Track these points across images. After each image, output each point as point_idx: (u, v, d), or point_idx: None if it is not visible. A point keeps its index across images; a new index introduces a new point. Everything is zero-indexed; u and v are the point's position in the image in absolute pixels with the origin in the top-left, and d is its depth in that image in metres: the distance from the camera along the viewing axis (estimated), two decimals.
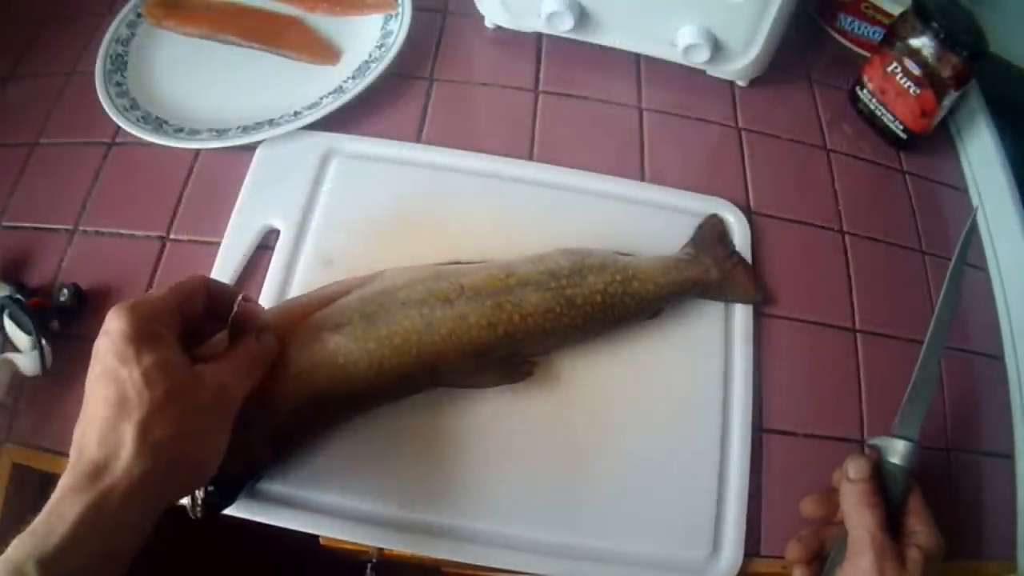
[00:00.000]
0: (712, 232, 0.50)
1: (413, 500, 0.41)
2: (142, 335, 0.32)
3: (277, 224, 0.49)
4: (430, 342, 0.40)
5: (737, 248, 0.51)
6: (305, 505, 0.40)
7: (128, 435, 0.30)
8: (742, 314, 0.49)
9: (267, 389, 0.37)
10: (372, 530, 0.40)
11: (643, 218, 0.51)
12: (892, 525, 0.36)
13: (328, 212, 0.49)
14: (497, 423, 0.43)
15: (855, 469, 0.37)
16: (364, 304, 0.41)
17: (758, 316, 0.49)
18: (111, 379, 0.31)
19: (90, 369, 0.32)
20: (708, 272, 0.48)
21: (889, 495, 0.37)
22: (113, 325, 0.32)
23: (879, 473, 0.37)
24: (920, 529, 0.36)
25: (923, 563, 0.35)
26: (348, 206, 0.50)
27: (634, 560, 0.41)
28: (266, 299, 0.46)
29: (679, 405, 0.45)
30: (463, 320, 0.40)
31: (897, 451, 0.38)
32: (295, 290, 0.46)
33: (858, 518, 0.36)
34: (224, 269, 0.47)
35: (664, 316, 0.47)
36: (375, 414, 0.42)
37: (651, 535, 0.42)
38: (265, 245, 0.49)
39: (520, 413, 0.44)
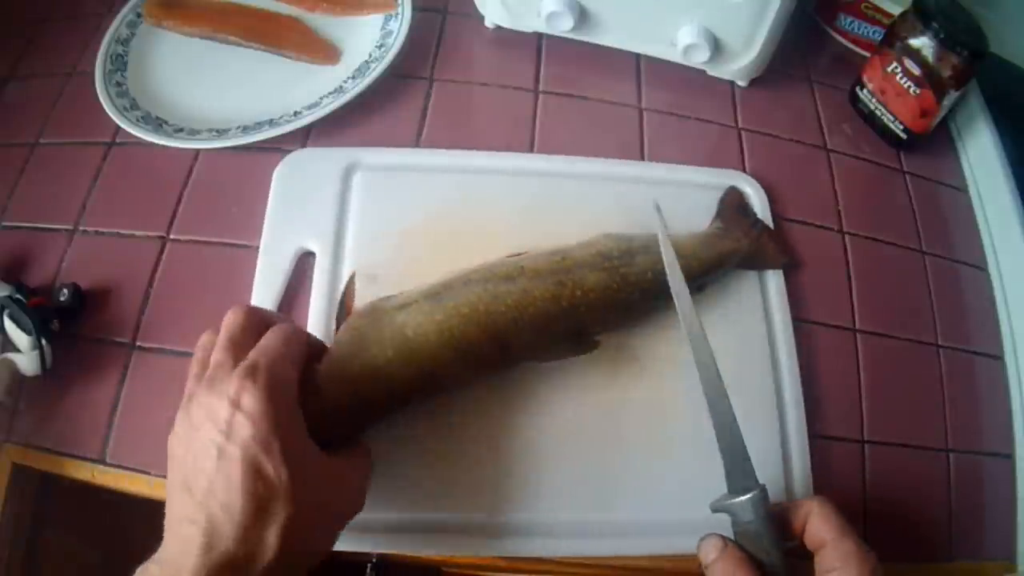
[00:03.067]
0: (734, 204, 0.52)
1: (502, 505, 0.41)
2: (286, 423, 0.30)
3: (311, 246, 0.47)
4: (498, 312, 0.40)
5: (759, 216, 0.52)
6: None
7: (273, 541, 0.29)
8: (775, 280, 0.50)
9: (333, 372, 0.37)
10: (463, 540, 0.40)
11: (667, 199, 0.51)
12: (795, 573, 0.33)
13: (362, 227, 0.48)
14: (562, 406, 0.44)
15: (704, 552, 0.34)
16: (426, 289, 0.41)
17: None
18: (256, 472, 0.29)
19: (213, 429, 0.30)
20: (740, 243, 0.49)
21: (765, 551, 0.33)
22: (251, 402, 0.30)
23: (739, 540, 0.34)
24: (836, 566, 0.32)
25: None
26: (381, 219, 0.49)
27: (711, 525, 0.40)
28: (314, 325, 0.44)
29: (732, 373, 0.44)
30: (527, 294, 0.40)
31: (744, 509, 0.34)
32: None
33: None
34: (264, 299, 0.45)
35: (706, 290, 0.48)
36: (428, 415, 0.42)
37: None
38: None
39: (585, 394, 0.44)
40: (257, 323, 0.35)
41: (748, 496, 0.34)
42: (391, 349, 0.38)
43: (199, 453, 0.29)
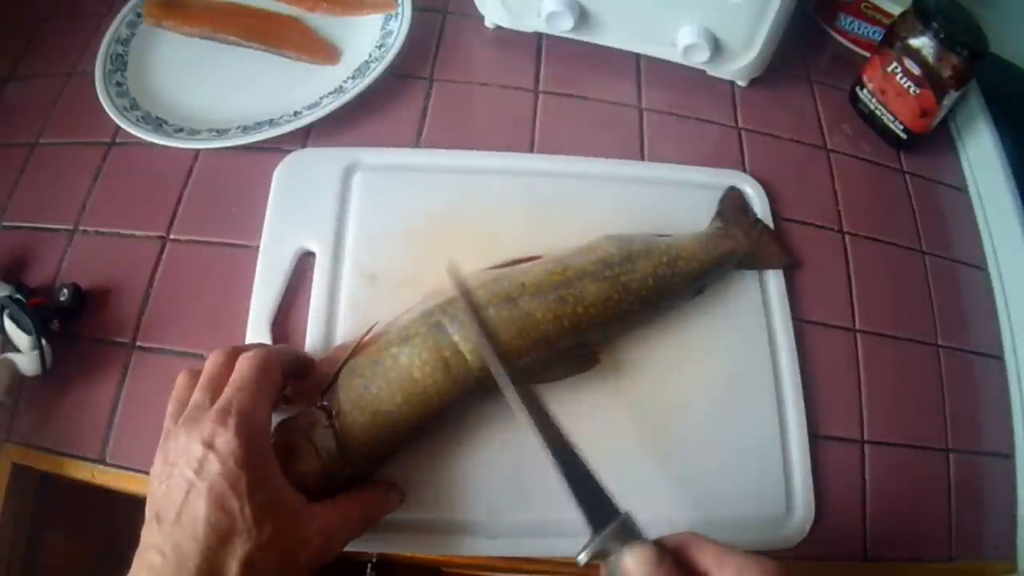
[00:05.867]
0: (734, 204, 0.52)
1: (501, 504, 0.41)
2: (255, 462, 0.31)
3: (311, 246, 0.47)
4: (502, 343, 0.39)
5: (759, 216, 0.52)
6: (397, 526, 0.40)
7: (233, 571, 0.30)
8: (775, 280, 0.50)
9: (341, 425, 0.37)
10: (463, 540, 0.41)
11: (667, 199, 0.52)
12: None
13: (362, 227, 0.48)
14: (565, 418, 0.43)
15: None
16: (427, 316, 0.40)
17: None
18: (220, 507, 0.30)
19: (186, 466, 0.31)
20: (740, 243, 0.49)
21: None
22: (223, 443, 0.31)
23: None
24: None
25: None
26: (381, 219, 0.49)
27: (717, 524, 0.42)
28: (314, 325, 0.44)
29: (733, 374, 0.46)
30: (530, 318, 0.40)
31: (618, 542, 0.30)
32: (343, 311, 0.45)
33: None
34: (264, 299, 0.45)
35: (706, 292, 0.48)
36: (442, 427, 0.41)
37: (727, 500, 0.43)
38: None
39: (586, 404, 0.44)
40: (236, 360, 0.35)
41: (614, 524, 0.30)
42: (399, 395, 0.38)
43: (172, 487, 0.31)
